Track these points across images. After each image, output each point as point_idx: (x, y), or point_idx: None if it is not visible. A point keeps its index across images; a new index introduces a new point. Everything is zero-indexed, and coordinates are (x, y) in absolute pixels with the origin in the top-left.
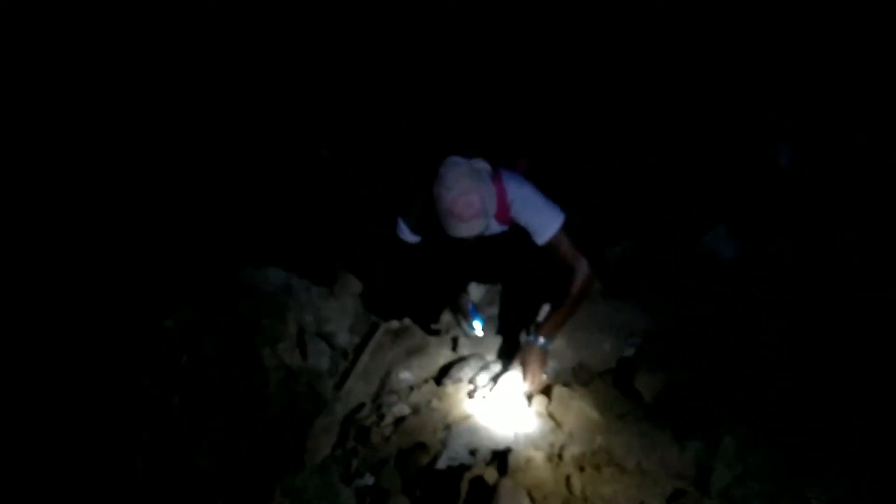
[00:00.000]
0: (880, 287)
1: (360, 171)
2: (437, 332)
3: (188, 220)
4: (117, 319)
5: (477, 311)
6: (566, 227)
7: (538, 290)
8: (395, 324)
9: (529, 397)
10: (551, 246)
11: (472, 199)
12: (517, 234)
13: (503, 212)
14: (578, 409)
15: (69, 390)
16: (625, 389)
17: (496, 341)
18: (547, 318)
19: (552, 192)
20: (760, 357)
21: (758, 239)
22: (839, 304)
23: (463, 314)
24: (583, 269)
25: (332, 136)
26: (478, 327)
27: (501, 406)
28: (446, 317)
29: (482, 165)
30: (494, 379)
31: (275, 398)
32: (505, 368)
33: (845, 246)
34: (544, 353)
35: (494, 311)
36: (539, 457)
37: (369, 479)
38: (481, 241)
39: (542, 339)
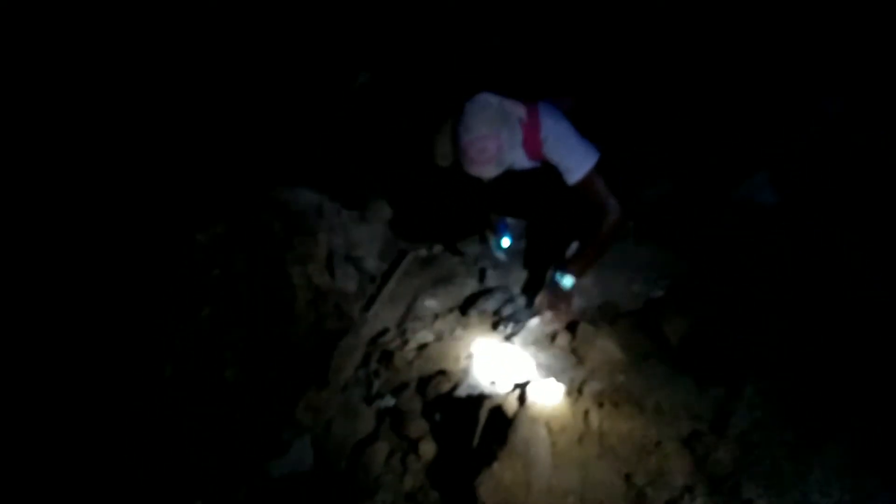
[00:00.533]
0: None
1: (398, 97)
2: (461, 254)
3: (226, 137)
4: (152, 232)
5: (507, 227)
6: (599, 168)
7: (568, 226)
8: (423, 252)
9: (553, 336)
10: (582, 186)
11: (487, 146)
12: (549, 171)
13: (535, 148)
14: (602, 346)
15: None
16: (650, 331)
17: (523, 275)
18: (575, 257)
19: (593, 129)
20: (792, 309)
21: (799, 188)
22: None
23: (492, 229)
24: (614, 210)
25: (373, 60)
26: (506, 243)
27: (524, 341)
28: (475, 247)
29: (512, 108)
30: (519, 315)
31: (302, 316)
32: (531, 304)
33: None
34: (570, 293)
35: (522, 245)
36: (559, 390)
37: (390, 401)
38: (512, 175)
39: (567, 279)
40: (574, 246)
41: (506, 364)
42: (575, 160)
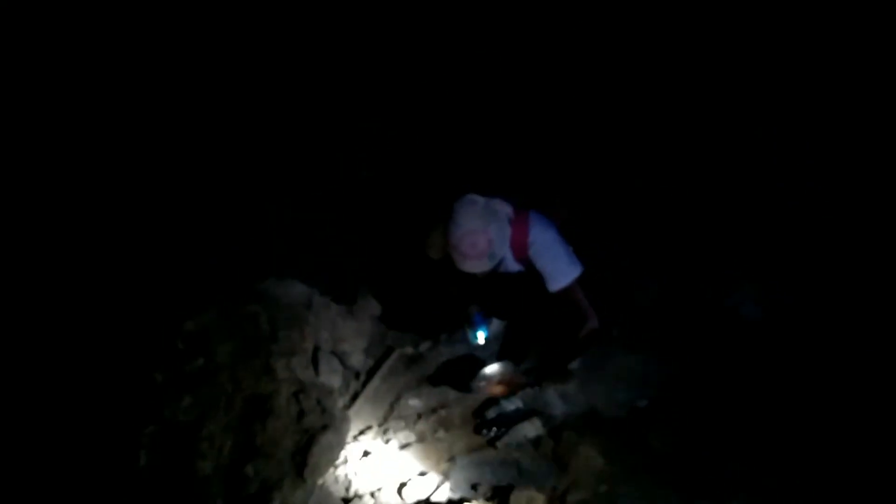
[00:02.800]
0: None
1: (397, 194)
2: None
3: (219, 225)
4: (140, 318)
5: (483, 321)
6: (580, 281)
7: (551, 330)
8: (409, 350)
9: (536, 442)
10: (562, 294)
11: (478, 240)
12: (532, 276)
13: (521, 251)
14: (585, 454)
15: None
16: (635, 441)
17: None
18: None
19: (583, 236)
20: (778, 424)
21: (788, 305)
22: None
23: (468, 322)
24: (591, 321)
25: (375, 158)
26: (481, 337)
27: (507, 446)
28: (461, 347)
29: (500, 207)
30: (503, 418)
31: (283, 411)
32: (516, 409)
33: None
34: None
35: (499, 344)
36: (541, 498)
37: (368, 502)
38: (496, 276)
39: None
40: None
41: (487, 468)
42: (559, 269)
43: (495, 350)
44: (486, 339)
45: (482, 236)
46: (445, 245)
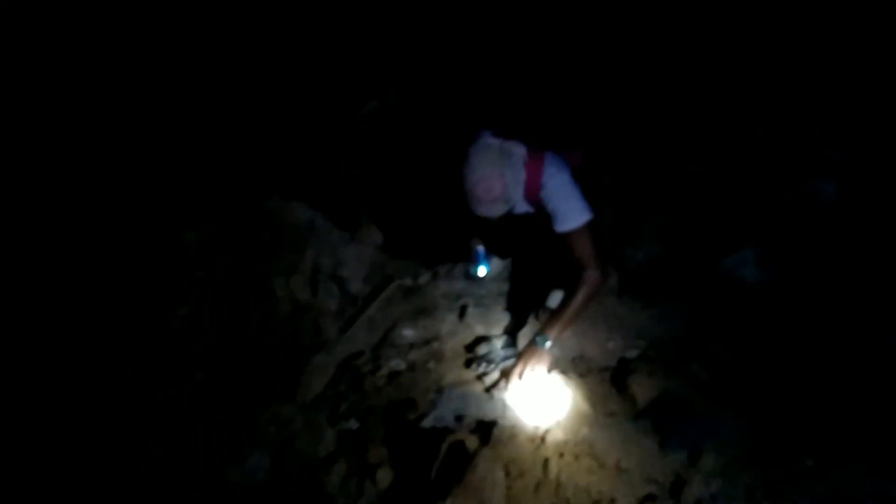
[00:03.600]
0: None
1: (404, 126)
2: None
3: (231, 141)
4: (143, 228)
5: (485, 256)
6: (590, 227)
7: (551, 273)
8: (408, 281)
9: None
10: (570, 238)
11: (493, 185)
12: (543, 218)
13: (534, 192)
14: (570, 397)
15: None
16: (619, 389)
17: (503, 316)
18: (553, 319)
19: (593, 188)
20: (762, 382)
21: (785, 269)
22: (852, 349)
23: (470, 255)
24: (594, 273)
25: (383, 88)
26: (482, 271)
27: (495, 382)
28: (459, 283)
29: (516, 149)
30: (493, 356)
31: (279, 328)
32: (507, 346)
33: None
34: (547, 353)
35: (506, 287)
36: (523, 435)
37: (354, 424)
38: (507, 216)
39: (546, 341)
40: (556, 295)
41: (473, 401)
42: (569, 210)
43: (492, 289)
44: (486, 274)
45: (497, 181)
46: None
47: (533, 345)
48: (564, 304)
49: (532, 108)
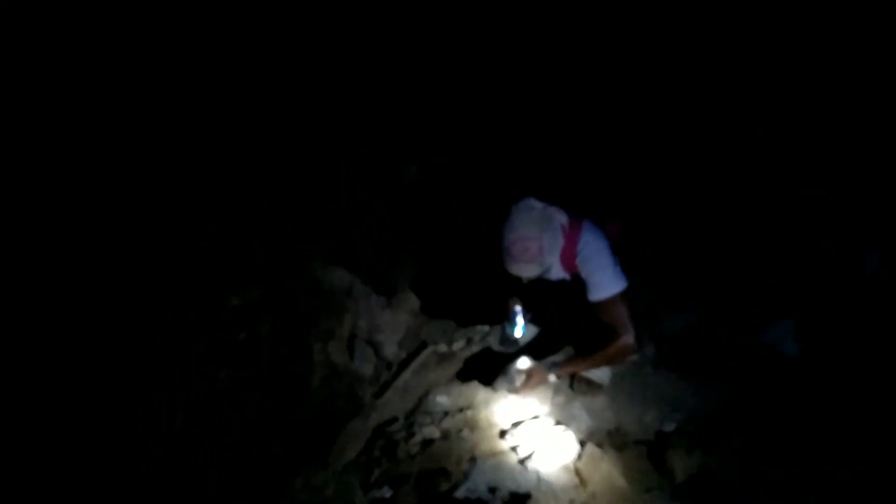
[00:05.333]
0: None
1: (443, 193)
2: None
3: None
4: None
5: (524, 318)
6: (625, 298)
7: (580, 343)
8: (443, 347)
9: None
10: (603, 307)
11: (530, 245)
12: (577, 287)
13: (570, 258)
14: (606, 471)
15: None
16: (657, 463)
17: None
18: (571, 358)
19: (631, 259)
20: (802, 459)
21: (825, 343)
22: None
23: (508, 316)
24: (627, 338)
25: (423, 156)
26: (518, 332)
27: (529, 454)
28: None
29: (557, 215)
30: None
31: (315, 392)
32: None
33: None
34: (545, 377)
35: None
36: None
37: (387, 492)
38: (539, 282)
39: (553, 368)
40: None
41: (507, 473)
42: (603, 279)
43: (526, 353)
44: (523, 335)
45: (535, 243)
46: (498, 247)
47: (540, 366)
48: (588, 353)
49: (573, 178)
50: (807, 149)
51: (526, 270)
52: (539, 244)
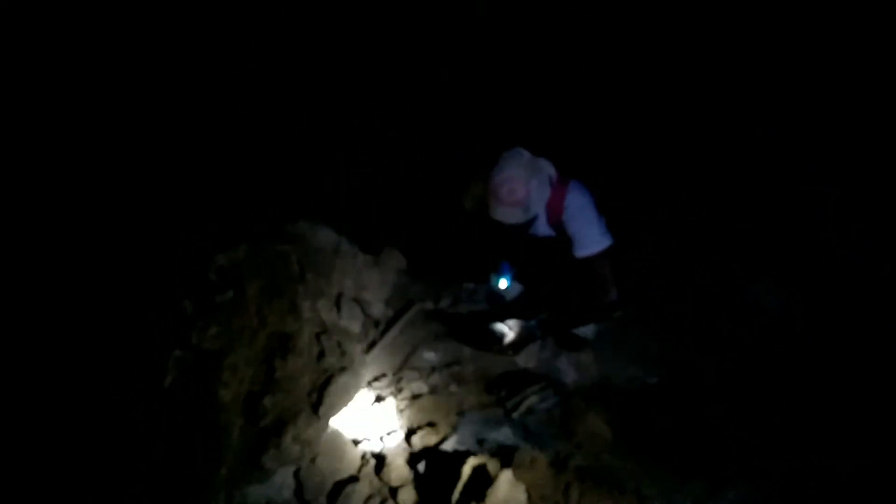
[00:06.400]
0: None
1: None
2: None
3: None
4: (174, 246)
5: (509, 270)
6: (609, 255)
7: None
8: (429, 305)
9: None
10: (588, 262)
11: (516, 187)
12: (562, 243)
13: (556, 212)
14: (591, 423)
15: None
16: (641, 415)
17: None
18: (555, 316)
19: (614, 219)
20: (784, 413)
21: (806, 299)
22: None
23: (494, 268)
24: (611, 294)
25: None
26: (503, 283)
27: (516, 405)
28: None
29: (546, 166)
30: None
31: (305, 348)
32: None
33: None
34: (530, 333)
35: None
36: (544, 460)
37: (376, 446)
38: (525, 238)
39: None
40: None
41: (494, 425)
42: (589, 235)
43: (512, 311)
44: (508, 287)
45: (522, 185)
46: (482, 193)
47: (525, 325)
48: (574, 309)
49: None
50: (807, 147)
51: (511, 215)
52: (526, 187)
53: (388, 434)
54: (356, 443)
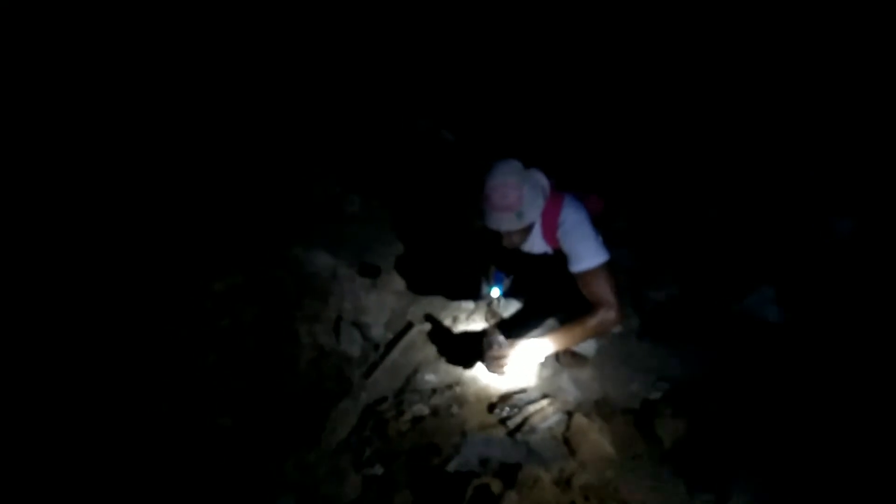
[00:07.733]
0: None
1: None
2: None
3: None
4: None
5: (502, 280)
6: (606, 269)
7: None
8: (428, 327)
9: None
10: (585, 278)
11: (509, 192)
12: (558, 261)
13: (551, 228)
14: (594, 440)
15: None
16: (644, 431)
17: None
18: (552, 332)
19: (611, 232)
20: (786, 422)
21: (805, 307)
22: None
23: (486, 277)
24: (610, 310)
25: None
26: (496, 292)
27: (519, 425)
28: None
29: (539, 176)
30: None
31: (303, 374)
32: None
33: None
34: (529, 351)
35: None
36: (547, 479)
37: (379, 470)
38: (521, 256)
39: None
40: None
41: (497, 445)
42: (585, 250)
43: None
44: (500, 295)
45: (514, 190)
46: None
47: (516, 342)
48: (569, 326)
49: (555, 153)
50: (806, 154)
51: (505, 221)
52: (519, 192)
53: (390, 457)
54: (359, 467)
